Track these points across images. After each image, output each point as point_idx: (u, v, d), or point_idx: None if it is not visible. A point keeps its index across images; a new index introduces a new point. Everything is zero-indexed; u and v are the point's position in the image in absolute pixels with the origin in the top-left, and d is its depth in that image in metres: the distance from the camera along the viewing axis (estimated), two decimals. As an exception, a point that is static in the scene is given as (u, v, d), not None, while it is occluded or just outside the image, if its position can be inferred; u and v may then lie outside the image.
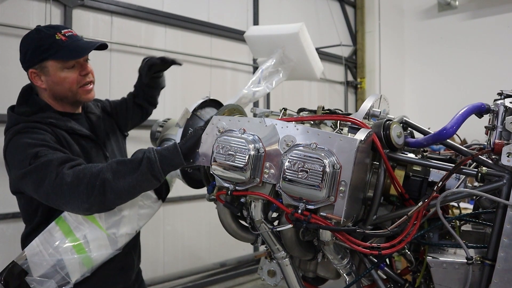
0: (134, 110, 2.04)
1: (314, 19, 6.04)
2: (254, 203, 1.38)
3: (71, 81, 1.62)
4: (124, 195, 1.43)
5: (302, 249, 1.43)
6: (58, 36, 1.58)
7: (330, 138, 1.24)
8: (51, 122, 1.58)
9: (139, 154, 1.42)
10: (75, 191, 1.38)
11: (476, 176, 1.27)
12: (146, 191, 1.52)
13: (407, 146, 1.47)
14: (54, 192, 1.41)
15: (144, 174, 1.38)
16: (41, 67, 1.59)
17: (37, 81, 1.62)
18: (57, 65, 1.59)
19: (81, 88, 1.66)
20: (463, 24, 6.48)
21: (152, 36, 4.17)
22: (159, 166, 1.39)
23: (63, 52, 1.57)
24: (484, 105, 1.36)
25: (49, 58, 1.58)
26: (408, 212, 1.30)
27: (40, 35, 1.59)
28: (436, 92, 6.59)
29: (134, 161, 1.41)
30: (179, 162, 1.41)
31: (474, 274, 1.27)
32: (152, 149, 1.42)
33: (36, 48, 1.58)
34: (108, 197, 1.39)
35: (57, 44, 1.57)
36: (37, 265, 1.49)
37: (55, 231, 1.53)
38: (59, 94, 1.64)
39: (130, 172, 1.39)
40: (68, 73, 1.61)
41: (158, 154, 1.40)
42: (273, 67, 2.21)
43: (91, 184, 1.37)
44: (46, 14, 3.40)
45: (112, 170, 1.39)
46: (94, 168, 1.41)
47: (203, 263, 4.51)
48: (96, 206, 1.41)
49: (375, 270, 1.46)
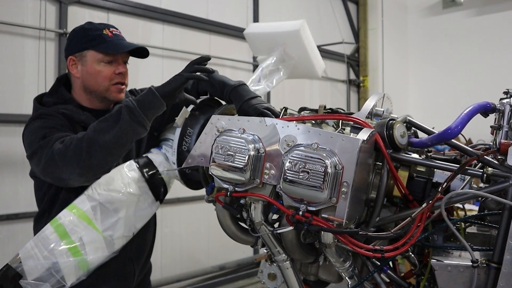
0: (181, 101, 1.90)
1: (315, 16, 6.04)
2: (254, 204, 1.38)
3: (104, 76, 1.66)
4: (113, 150, 1.47)
5: (303, 251, 1.43)
6: (105, 31, 1.66)
7: (332, 138, 1.24)
8: (63, 112, 1.62)
9: (115, 108, 1.49)
10: (64, 158, 1.44)
11: (482, 177, 1.27)
12: (132, 140, 1.53)
13: (411, 146, 1.47)
14: (49, 165, 1.48)
15: (127, 122, 1.45)
16: (81, 55, 1.66)
17: (73, 69, 1.68)
18: (96, 57, 1.64)
19: (113, 86, 1.69)
20: (468, 21, 6.48)
21: (149, 33, 4.17)
22: (139, 110, 1.45)
23: (105, 45, 1.64)
24: (489, 104, 1.36)
25: (90, 48, 1.64)
26: (412, 213, 1.30)
27: (90, 26, 1.68)
28: (441, 90, 6.59)
29: (113, 114, 1.48)
30: (159, 103, 1.48)
31: (480, 277, 1.27)
32: (129, 99, 1.48)
33: (82, 37, 1.66)
34: (97, 156, 1.44)
35: (102, 37, 1.64)
36: (31, 268, 1.49)
37: (50, 233, 1.53)
38: (89, 87, 1.68)
39: (113, 125, 1.45)
40: (104, 67, 1.65)
41: (135, 101, 1.47)
42: (273, 65, 2.21)
43: (78, 148, 1.43)
44: (41, 11, 3.40)
45: (94, 129, 1.46)
46: (79, 134, 1.48)
47: (202, 266, 4.52)
48: (87, 169, 1.46)
49: (378, 273, 1.46)
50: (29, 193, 1.96)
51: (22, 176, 3.26)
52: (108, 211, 1.59)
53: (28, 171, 1.70)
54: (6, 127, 3.27)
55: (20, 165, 3.27)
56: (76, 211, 1.56)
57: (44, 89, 3.25)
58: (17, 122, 3.27)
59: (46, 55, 3.42)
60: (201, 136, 1.45)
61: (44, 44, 3.41)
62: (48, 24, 3.44)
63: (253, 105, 1.57)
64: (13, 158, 3.27)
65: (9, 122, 3.27)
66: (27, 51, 3.39)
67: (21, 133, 1.65)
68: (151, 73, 4.03)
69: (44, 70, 3.40)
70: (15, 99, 3.34)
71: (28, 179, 1.74)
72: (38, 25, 3.40)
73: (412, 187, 1.42)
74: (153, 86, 1.52)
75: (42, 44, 3.41)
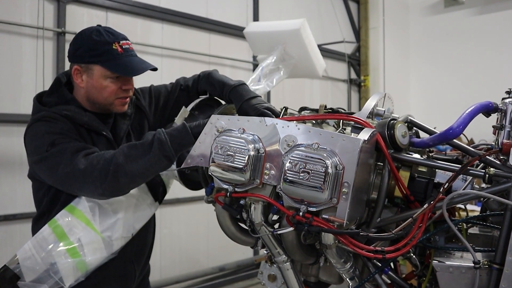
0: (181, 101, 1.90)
1: (316, 15, 6.04)
2: (254, 205, 1.38)
3: (110, 92, 1.64)
4: (138, 178, 1.51)
5: (304, 252, 1.43)
6: (115, 46, 1.61)
7: (332, 138, 1.24)
8: (66, 114, 1.60)
9: (148, 137, 1.49)
10: (88, 177, 1.45)
11: (484, 177, 1.27)
12: (157, 172, 1.56)
13: (412, 146, 1.47)
14: (68, 178, 1.48)
15: (156, 155, 1.45)
16: (87, 67, 1.62)
17: (78, 79, 1.65)
18: (103, 72, 1.61)
19: (118, 99, 1.67)
20: (470, 20, 6.48)
21: (148, 32, 4.17)
22: (170, 146, 1.46)
23: (114, 63, 1.60)
24: (491, 103, 1.36)
25: (98, 63, 1.60)
26: (413, 214, 1.30)
27: (99, 38, 1.61)
28: (442, 90, 6.59)
29: (145, 143, 1.48)
30: (190, 140, 1.47)
31: (482, 278, 1.27)
32: (161, 131, 1.49)
33: (90, 49, 1.60)
34: (121, 181, 1.46)
35: (111, 54, 1.60)
36: (29, 270, 1.50)
37: (48, 234, 1.54)
38: (93, 99, 1.66)
39: (142, 155, 1.46)
40: (110, 83, 1.63)
41: (168, 135, 1.47)
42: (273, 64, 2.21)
43: (105, 170, 1.44)
44: (39, 10, 3.40)
45: (124, 154, 1.47)
46: (107, 154, 1.48)
47: (201, 267, 4.52)
48: (110, 191, 1.48)
49: (379, 275, 1.46)
50: (27, 193, 1.96)
51: (20, 176, 3.26)
52: (106, 211, 1.59)
53: (26, 171, 1.70)
54: (4, 126, 3.26)
55: (18, 165, 3.27)
56: (74, 212, 1.57)
57: (42, 89, 3.24)
58: (15, 122, 3.26)
59: (44, 54, 3.41)
60: (200, 136, 1.45)
61: (42, 43, 3.41)
62: (46, 23, 3.44)
63: (253, 105, 1.57)
64: (10, 158, 3.27)
65: (6, 121, 3.26)
66: (24, 50, 3.39)
67: (19, 132, 1.65)
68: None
69: (42, 69, 3.39)
70: (13, 98, 3.34)
71: (26, 180, 1.75)
72: (36, 24, 3.39)
73: (413, 187, 1.43)
74: (187, 123, 1.50)
75: (40, 43, 3.41)
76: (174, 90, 1.91)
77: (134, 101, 1.82)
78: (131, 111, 1.79)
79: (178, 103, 1.88)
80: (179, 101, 1.88)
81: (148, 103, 1.87)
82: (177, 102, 1.89)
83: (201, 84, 1.84)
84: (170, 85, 1.94)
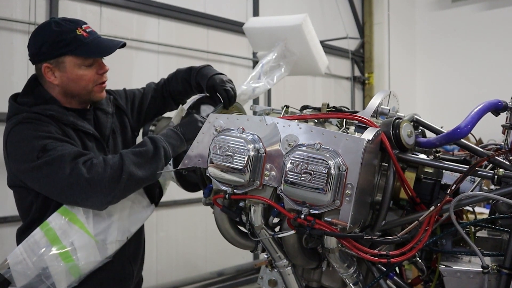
0: (156, 102, 1.98)
1: (318, 10, 6.04)
2: (253, 207, 1.38)
3: (88, 79, 1.64)
4: (143, 184, 1.62)
5: (306, 257, 1.43)
6: (79, 32, 1.61)
7: (335, 137, 1.24)
8: (51, 114, 1.59)
9: (149, 144, 1.58)
10: (97, 186, 1.46)
11: (493, 178, 1.27)
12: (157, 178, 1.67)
13: (418, 146, 1.48)
14: (70, 188, 1.46)
15: (161, 162, 1.58)
16: (57, 62, 1.61)
17: (50, 77, 1.63)
18: (76, 62, 1.61)
19: (96, 86, 1.68)
20: (478, 15, 6.48)
21: (144, 28, 4.16)
22: (171, 154, 1.62)
23: (85, 48, 1.60)
24: (501, 102, 1.36)
25: (68, 53, 1.59)
26: (419, 217, 1.30)
27: (60, 28, 1.60)
28: (449, 88, 6.59)
29: (150, 150, 1.56)
30: (183, 147, 1.66)
31: (490, 283, 1.27)
32: (163, 140, 1.60)
33: (55, 42, 1.58)
34: (132, 188, 1.55)
35: (79, 40, 1.59)
36: (20, 274, 1.50)
37: (40, 237, 1.53)
38: (71, 92, 1.65)
39: (150, 162, 1.55)
40: (86, 70, 1.63)
41: (170, 145, 1.61)
42: (274, 61, 2.21)
43: (115, 178, 1.48)
44: (30, 4, 3.40)
45: (132, 162, 1.52)
46: (110, 161, 1.51)
47: (199, 272, 4.52)
48: (119, 198, 1.53)
49: (384, 280, 1.46)
50: (18, 195, 1.95)
51: (11, 177, 3.25)
52: (100, 214, 1.59)
53: None
54: (-6, 126, 3.26)
55: (8, 166, 3.26)
56: (67, 215, 1.56)
57: (33, 87, 3.23)
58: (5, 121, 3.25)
59: (35, 51, 3.41)
60: (198, 135, 1.45)
61: (34, 39, 3.41)
62: (38, 18, 3.43)
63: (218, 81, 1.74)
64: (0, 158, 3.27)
65: (-4, 121, 3.26)
66: (15, 46, 3.39)
67: None
68: (146, 70, 4.03)
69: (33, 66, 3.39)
70: (3, 96, 3.32)
71: (17, 181, 1.73)
72: (28, 19, 3.39)
73: (419, 189, 1.43)
74: (177, 129, 1.68)
75: (31, 39, 3.41)
76: (147, 92, 1.97)
77: (113, 101, 1.85)
78: (112, 109, 1.82)
79: (152, 105, 1.96)
80: (153, 103, 1.96)
81: (125, 103, 1.92)
82: (152, 104, 1.96)
83: (172, 84, 1.94)
84: (143, 89, 2.01)
